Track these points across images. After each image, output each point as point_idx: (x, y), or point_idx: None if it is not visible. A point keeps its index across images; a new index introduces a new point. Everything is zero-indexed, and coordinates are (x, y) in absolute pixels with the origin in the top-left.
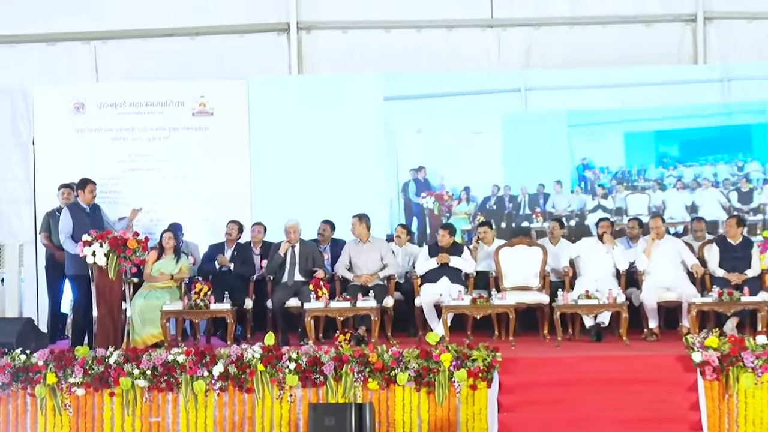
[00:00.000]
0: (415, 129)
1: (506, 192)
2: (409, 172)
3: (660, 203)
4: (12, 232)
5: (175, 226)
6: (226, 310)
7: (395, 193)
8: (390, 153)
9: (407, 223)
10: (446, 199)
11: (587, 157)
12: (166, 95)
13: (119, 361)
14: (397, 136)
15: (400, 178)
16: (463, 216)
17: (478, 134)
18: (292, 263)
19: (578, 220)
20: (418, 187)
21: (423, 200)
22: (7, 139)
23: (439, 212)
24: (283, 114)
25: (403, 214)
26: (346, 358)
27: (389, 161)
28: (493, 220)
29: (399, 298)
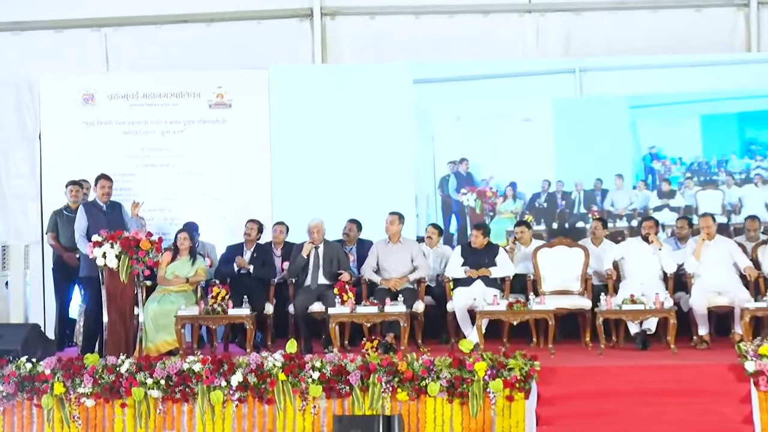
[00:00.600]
0: (454, 116)
1: (558, 188)
2: (447, 166)
3: (736, 200)
4: (17, 231)
5: (190, 226)
6: (245, 315)
7: (431, 188)
8: (425, 144)
9: (445, 223)
10: (489, 195)
11: (656, 145)
12: (180, 86)
13: (131, 369)
14: (433, 125)
15: (437, 172)
16: (509, 215)
17: (527, 122)
18: (315, 265)
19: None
20: (460, 181)
21: (463, 197)
22: (12, 133)
23: (481, 211)
24: (305, 105)
25: (441, 212)
26: (374, 367)
27: (424, 153)
28: (544, 220)
29: (430, 303)
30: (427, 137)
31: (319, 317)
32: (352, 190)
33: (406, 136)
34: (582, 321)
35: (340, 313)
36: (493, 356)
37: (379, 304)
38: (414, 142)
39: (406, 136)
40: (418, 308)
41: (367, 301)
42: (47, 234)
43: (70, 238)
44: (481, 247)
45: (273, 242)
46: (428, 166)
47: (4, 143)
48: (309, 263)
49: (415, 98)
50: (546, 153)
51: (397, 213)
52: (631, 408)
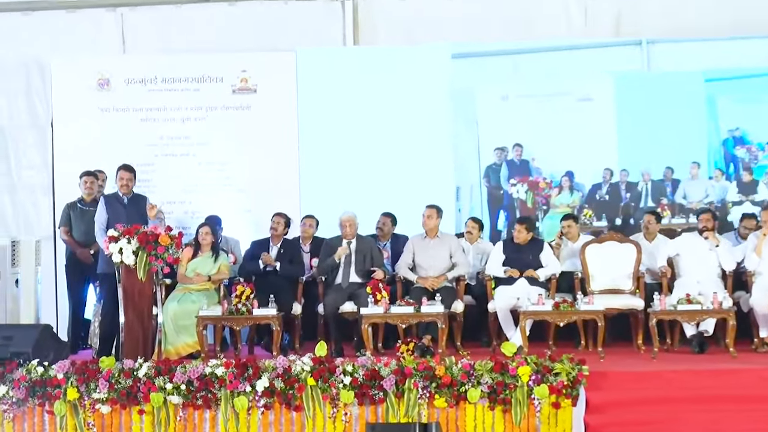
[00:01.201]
0: (499, 96)
1: (622, 178)
2: (494, 153)
3: None
4: (28, 226)
5: (213, 220)
6: (271, 315)
7: (475, 178)
8: (467, 129)
9: (492, 219)
10: (543, 187)
11: (739, 126)
12: (202, 70)
13: (149, 374)
14: (477, 107)
15: (482, 160)
16: (565, 209)
17: (584, 101)
18: (347, 262)
19: (719, 214)
20: (512, 171)
21: (513, 188)
22: (22, 120)
23: (533, 204)
24: (336, 91)
25: (486, 206)
26: (409, 372)
27: (467, 139)
28: (605, 215)
29: (470, 303)
30: (470, 121)
31: (350, 318)
32: (387, 180)
33: (446, 122)
34: (634, 322)
35: (374, 314)
36: (538, 360)
37: (415, 304)
38: (454, 128)
39: (446, 122)
40: (457, 308)
41: (402, 300)
42: (60, 228)
43: (84, 233)
44: (525, 242)
45: (301, 237)
46: (472, 153)
47: (13, 131)
48: (340, 260)
49: (456, 76)
50: (608, 137)
51: (434, 206)
52: (687, 416)
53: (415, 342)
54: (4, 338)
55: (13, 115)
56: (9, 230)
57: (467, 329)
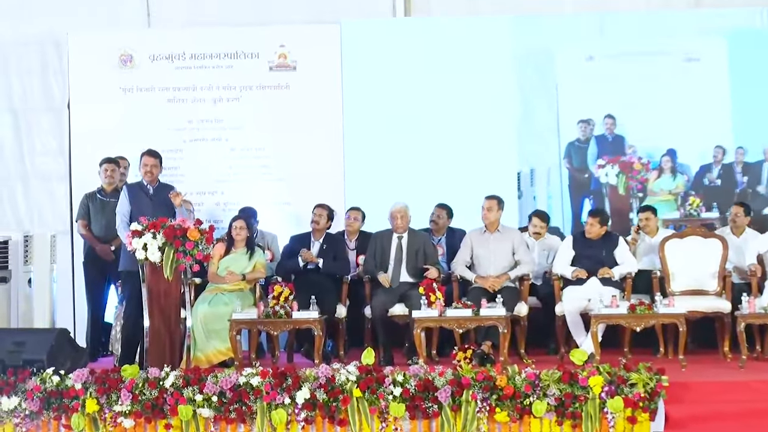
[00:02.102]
0: (584, 56)
1: (738, 157)
2: (577, 127)
3: None
4: (42, 219)
5: (247, 212)
6: (312, 319)
7: (554, 159)
8: (543, 98)
9: (576, 207)
10: (638, 169)
11: None
12: (236, 45)
13: (177, 384)
14: (556, 69)
15: (562, 136)
16: (666, 197)
17: (690, 63)
18: (397, 259)
19: None
20: (600, 149)
21: (601, 171)
22: (37, 102)
23: (626, 190)
24: (385, 67)
25: (568, 192)
26: (467, 382)
27: (544, 111)
28: (717, 203)
29: (535, 305)
30: (548, 88)
31: (401, 322)
32: (442, 168)
33: (510, 100)
34: (719, 327)
35: (427, 317)
36: (611, 369)
37: (474, 306)
38: (525, 98)
39: (510, 100)
40: (520, 311)
41: (458, 302)
42: (77, 222)
43: (105, 227)
44: (597, 237)
45: (346, 231)
46: (549, 128)
47: (27, 114)
48: (390, 257)
49: (528, 34)
50: (719, 107)
51: (495, 197)
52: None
53: (473, 349)
54: (16, 344)
55: (26, 96)
56: (21, 223)
57: (532, 334)
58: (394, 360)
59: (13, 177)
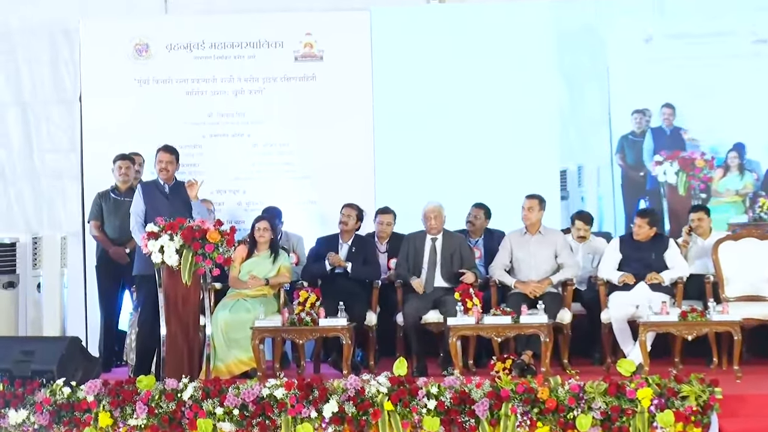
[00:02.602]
0: (641, 37)
1: None
2: (631, 118)
3: None
4: (52, 220)
5: (271, 213)
6: (340, 327)
7: (605, 155)
8: (593, 85)
9: (630, 209)
10: (701, 166)
11: None
12: (259, 33)
13: (196, 396)
14: (608, 54)
15: (614, 129)
16: (733, 198)
17: (761, 44)
18: (431, 263)
19: None
20: (657, 143)
21: (658, 168)
22: (46, 95)
23: (686, 190)
24: (418, 57)
25: (620, 192)
26: (506, 394)
27: (593, 100)
28: None
29: (579, 312)
30: (598, 74)
31: (435, 330)
32: (478, 165)
33: (552, 91)
34: None
35: (463, 325)
36: (661, 381)
37: (513, 313)
38: (572, 85)
39: (552, 91)
40: (563, 318)
41: (497, 309)
42: (90, 223)
43: (119, 228)
44: (646, 239)
45: (377, 233)
46: (599, 120)
47: (36, 107)
48: (423, 260)
49: (575, 13)
50: None
51: (536, 196)
52: None
53: (513, 359)
54: (25, 353)
55: (35, 88)
56: (30, 224)
57: (576, 343)
58: (427, 371)
59: (22, 175)
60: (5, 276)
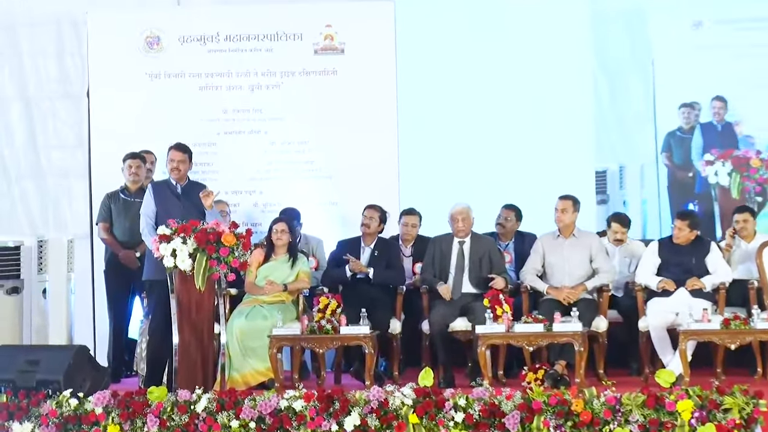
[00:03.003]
0: (689, 23)
1: None
2: (678, 113)
3: None
4: (58, 222)
5: (290, 214)
6: (362, 335)
7: (649, 154)
8: (636, 76)
9: (678, 209)
10: (756, 166)
11: None
12: (276, 25)
13: (210, 408)
14: (652, 41)
15: (659, 125)
16: None
17: None
18: (459, 267)
19: None
20: (708, 140)
21: (709, 168)
22: (52, 89)
23: (740, 193)
24: (445, 49)
25: (667, 195)
26: (538, 407)
27: (636, 93)
28: None
29: (615, 319)
30: (641, 63)
31: (463, 338)
32: (509, 164)
33: (591, 78)
34: None
35: (493, 333)
36: (702, 392)
37: (546, 321)
38: (602, 87)
39: (591, 78)
40: (599, 326)
41: (528, 316)
42: (98, 225)
43: (129, 230)
44: (686, 243)
45: (401, 236)
46: (643, 115)
47: (41, 102)
48: (451, 264)
49: None
50: None
51: (570, 197)
52: None
53: (545, 369)
54: (29, 363)
55: (40, 83)
56: (35, 227)
57: (612, 353)
58: (455, 381)
59: (26, 174)
60: (9, 281)
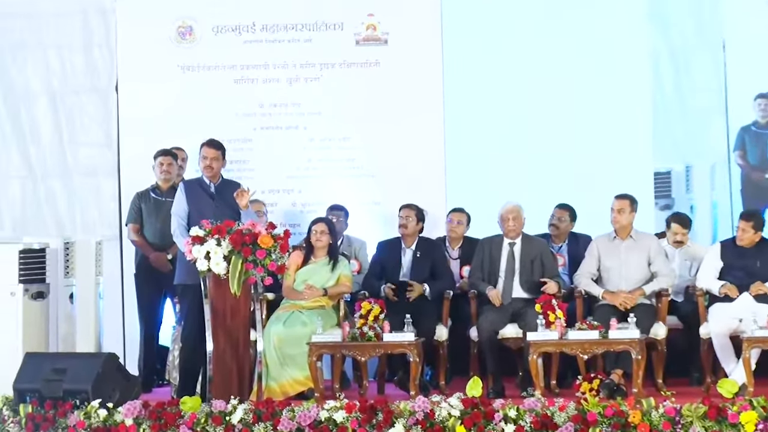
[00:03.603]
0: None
1: None
2: (754, 105)
3: None
4: (86, 223)
5: (334, 212)
6: (407, 342)
7: (720, 152)
8: (705, 64)
9: (756, 211)
10: None
11: None
12: (315, 14)
13: (246, 419)
14: (724, 22)
15: (731, 118)
16: None
17: None
18: (509, 271)
19: None
20: None
21: None
22: (79, 83)
23: None
24: (494, 40)
25: (740, 198)
26: (593, 418)
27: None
28: None
29: (675, 326)
30: (710, 45)
31: (513, 346)
32: (562, 162)
33: (649, 65)
34: None
35: (545, 341)
36: (767, 403)
37: (602, 327)
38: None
39: (649, 65)
40: (657, 333)
41: (583, 322)
42: (127, 226)
43: (160, 232)
44: (751, 245)
45: (448, 236)
46: (713, 108)
47: (67, 97)
48: (500, 268)
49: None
50: None
51: (626, 196)
52: None
53: (600, 378)
54: (56, 372)
55: (67, 76)
56: (62, 228)
57: (672, 361)
58: (505, 391)
59: (52, 172)
60: (34, 285)
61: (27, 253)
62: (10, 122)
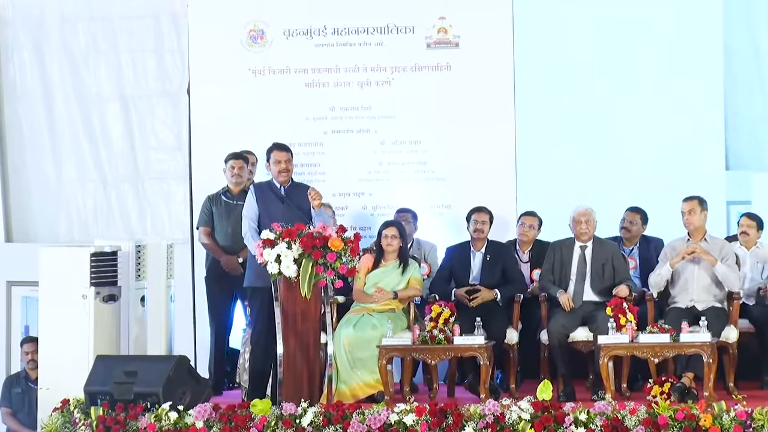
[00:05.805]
0: None
1: None
2: None
3: None
4: (157, 226)
5: (402, 217)
6: (477, 345)
7: None
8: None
9: None
10: None
11: None
12: (387, 17)
13: (317, 422)
14: None
15: None
16: None
17: None
18: (580, 274)
19: None
20: None
21: None
22: (150, 87)
23: None
24: (567, 44)
25: None
26: (664, 422)
27: None
28: None
29: (747, 329)
30: None
31: (584, 349)
32: (633, 165)
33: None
34: None
35: (616, 344)
36: None
37: (673, 331)
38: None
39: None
40: (729, 337)
41: (654, 326)
42: (198, 229)
43: (231, 235)
44: None
45: (519, 239)
46: None
47: (139, 101)
48: (571, 271)
49: None
50: None
51: (695, 197)
52: None
53: (671, 382)
54: (127, 374)
55: (138, 80)
56: (132, 231)
57: (743, 365)
58: (575, 395)
59: (123, 176)
60: (106, 288)
61: (99, 257)
62: (82, 126)
